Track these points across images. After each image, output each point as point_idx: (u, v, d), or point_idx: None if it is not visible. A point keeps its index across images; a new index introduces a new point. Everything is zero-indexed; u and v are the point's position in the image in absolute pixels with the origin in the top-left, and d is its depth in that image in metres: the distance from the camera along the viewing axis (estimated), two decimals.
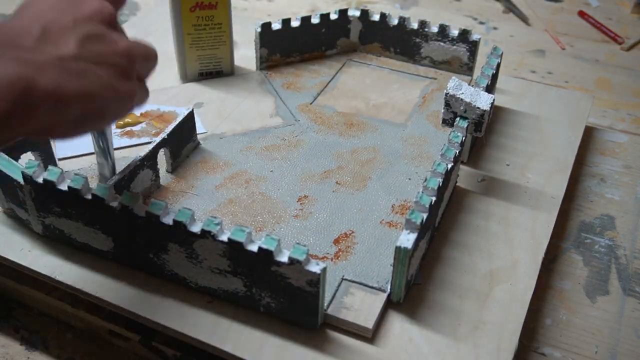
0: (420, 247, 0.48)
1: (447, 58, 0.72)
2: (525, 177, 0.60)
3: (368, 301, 0.47)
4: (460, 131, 0.54)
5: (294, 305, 0.44)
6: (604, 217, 0.61)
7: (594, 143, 0.70)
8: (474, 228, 0.55)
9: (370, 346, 0.45)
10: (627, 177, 0.66)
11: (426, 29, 0.71)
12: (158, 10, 0.86)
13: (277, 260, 0.42)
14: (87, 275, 0.49)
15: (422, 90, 0.71)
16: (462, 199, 0.57)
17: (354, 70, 0.74)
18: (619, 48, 0.89)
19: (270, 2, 1.00)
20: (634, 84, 0.82)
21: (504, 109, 0.69)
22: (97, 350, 0.51)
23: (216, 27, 0.70)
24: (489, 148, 0.64)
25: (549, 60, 0.87)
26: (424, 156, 0.61)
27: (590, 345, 0.50)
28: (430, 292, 0.49)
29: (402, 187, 0.58)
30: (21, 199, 0.50)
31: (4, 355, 0.50)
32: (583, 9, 0.98)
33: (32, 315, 0.53)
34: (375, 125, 0.65)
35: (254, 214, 0.54)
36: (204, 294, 0.48)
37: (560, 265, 0.56)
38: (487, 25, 0.95)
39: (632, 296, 0.54)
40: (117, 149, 0.61)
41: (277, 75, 0.73)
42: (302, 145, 0.62)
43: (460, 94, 0.55)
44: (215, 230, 0.43)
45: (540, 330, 0.51)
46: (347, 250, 0.51)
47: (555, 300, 0.53)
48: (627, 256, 0.57)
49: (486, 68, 0.61)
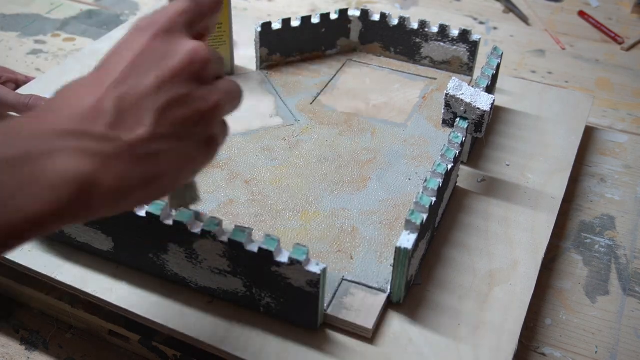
0: (420, 247, 0.48)
1: (447, 58, 0.72)
2: (525, 178, 0.60)
3: (368, 301, 0.47)
4: (460, 132, 0.54)
5: (294, 305, 0.44)
6: (604, 217, 0.61)
7: (594, 143, 0.70)
8: (474, 228, 0.55)
9: (370, 346, 0.45)
10: (627, 177, 0.66)
11: (426, 29, 0.71)
12: None
13: (277, 260, 0.42)
14: (87, 275, 0.49)
15: (422, 90, 0.71)
16: (462, 200, 0.57)
17: (354, 70, 0.74)
18: (619, 48, 0.89)
19: (270, 2, 0.99)
20: (634, 84, 0.82)
21: (504, 109, 0.69)
22: (97, 350, 0.51)
23: (216, 27, 0.69)
24: (489, 148, 0.64)
25: (549, 60, 0.87)
26: (424, 156, 0.61)
27: (590, 345, 0.50)
28: (430, 293, 0.49)
29: (402, 187, 0.58)
30: None
31: (4, 355, 0.50)
32: (583, 9, 0.98)
33: (32, 315, 0.53)
34: (375, 126, 0.65)
35: (254, 214, 0.54)
36: (204, 294, 0.48)
37: (560, 265, 0.56)
38: (487, 25, 0.95)
39: (632, 296, 0.54)
40: None
41: (277, 75, 0.73)
42: (302, 145, 0.62)
43: (461, 94, 0.55)
44: (215, 231, 0.43)
45: (540, 330, 0.51)
46: (347, 251, 0.51)
47: (555, 300, 0.53)
48: (627, 256, 0.57)
49: (486, 69, 0.61)
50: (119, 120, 0.31)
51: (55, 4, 0.96)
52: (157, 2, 0.92)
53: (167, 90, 0.32)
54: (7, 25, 0.90)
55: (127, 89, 0.32)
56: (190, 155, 0.34)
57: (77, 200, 0.29)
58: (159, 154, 0.32)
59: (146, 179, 0.32)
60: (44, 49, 0.85)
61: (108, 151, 0.31)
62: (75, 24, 0.91)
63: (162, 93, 0.32)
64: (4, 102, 0.64)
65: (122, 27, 0.83)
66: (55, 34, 0.89)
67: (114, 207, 0.32)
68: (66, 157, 0.29)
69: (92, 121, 0.31)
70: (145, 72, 0.32)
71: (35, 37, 0.88)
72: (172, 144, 0.33)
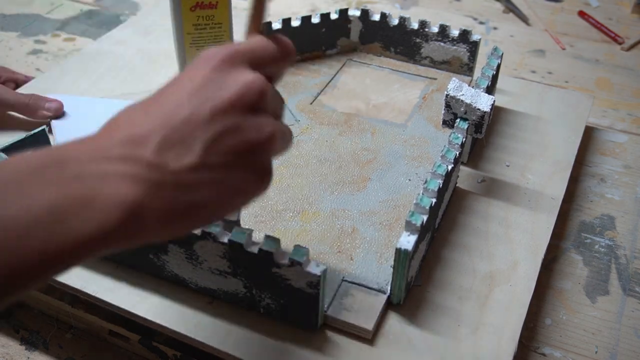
0: (420, 248, 0.48)
1: (448, 58, 0.72)
2: (525, 178, 0.60)
3: (368, 302, 0.47)
4: (460, 132, 0.54)
5: (294, 306, 0.44)
6: (604, 217, 0.61)
7: (594, 143, 0.70)
8: (474, 229, 0.55)
9: (370, 347, 0.45)
10: (627, 177, 0.66)
11: (426, 29, 0.71)
12: (158, 10, 0.86)
13: (277, 261, 0.42)
14: (87, 275, 0.49)
15: (422, 91, 0.71)
16: (462, 200, 0.57)
17: (354, 70, 0.74)
18: (619, 48, 0.89)
19: (270, 2, 0.99)
20: (634, 84, 0.82)
21: (504, 110, 0.69)
22: (97, 350, 0.51)
23: (216, 27, 0.69)
24: (489, 149, 0.64)
25: (549, 60, 0.87)
26: (424, 157, 0.61)
27: (590, 345, 0.50)
28: (430, 294, 0.49)
29: (402, 188, 0.58)
30: None
31: (4, 355, 0.50)
32: (583, 9, 0.98)
33: (32, 315, 0.53)
34: (375, 126, 0.65)
35: (253, 215, 0.54)
36: (204, 295, 0.48)
37: (560, 265, 0.56)
38: (487, 25, 0.95)
39: (632, 296, 0.54)
40: None
41: None
42: (302, 145, 0.62)
43: (461, 95, 0.55)
44: (215, 232, 0.43)
45: (540, 330, 0.51)
46: (347, 252, 0.51)
47: (555, 300, 0.53)
48: (627, 256, 0.57)
49: (486, 69, 0.61)
50: (168, 147, 0.31)
51: (55, 4, 0.96)
52: (157, 2, 0.92)
53: (221, 120, 0.32)
54: (7, 25, 0.90)
55: (181, 118, 0.32)
56: (240, 186, 0.33)
57: (125, 225, 0.30)
58: (206, 183, 0.32)
59: (192, 207, 0.32)
60: (44, 49, 0.85)
61: (155, 178, 0.31)
62: (75, 24, 0.91)
63: (215, 123, 0.32)
64: (4, 101, 0.64)
65: (122, 27, 0.83)
66: (55, 34, 0.89)
67: (160, 233, 0.32)
68: (116, 182, 0.30)
69: (142, 147, 0.31)
70: (201, 102, 0.32)
71: (35, 37, 0.88)
72: (220, 174, 0.32)
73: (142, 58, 0.76)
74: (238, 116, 0.33)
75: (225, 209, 0.34)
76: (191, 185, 0.32)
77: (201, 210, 0.32)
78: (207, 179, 0.32)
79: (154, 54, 0.77)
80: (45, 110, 0.64)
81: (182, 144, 0.31)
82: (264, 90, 0.34)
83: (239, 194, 0.34)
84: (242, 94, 0.33)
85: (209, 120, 0.32)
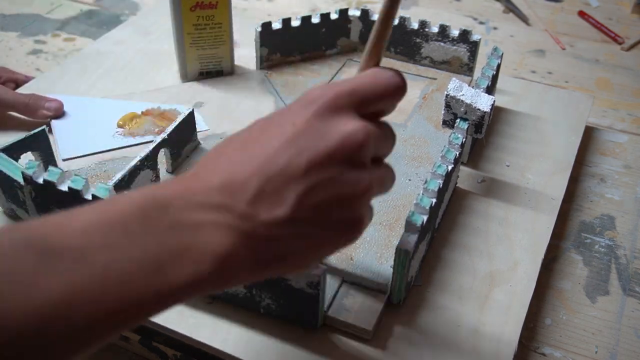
0: (420, 248, 0.48)
1: (448, 58, 0.72)
2: (525, 178, 0.60)
3: (368, 303, 0.47)
4: (460, 133, 0.54)
5: (295, 306, 0.44)
6: (604, 217, 0.61)
7: (594, 143, 0.70)
8: (474, 229, 0.55)
9: (370, 348, 0.45)
10: (627, 177, 0.66)
11: (426, 29, 0.71)
12: (158, 10, 0.86)
13: None
14: None
15: (422, 91, 0.71)
16: (462, 200, 0.57)
17: (354, 70, 0.74)
18: (619, 48, 0.89)
19: (270, 2, 0.99)
20: (634, 84, 0.82)
21: (504, 110, 0.69)
22: (97, 350, 0.51)
23: (216, 27, 0.69)
24: (489, 149, 0.64)
25: (549, 60, 0.87)
26: (424, 157, 0.61)
27: (590, 345, 0.50)
28: (430, 294, 0.49)
29: (402, 188, 0.58)
30: (21, 200, 0.50)
31: None
32: (583, 9, 0.98)
33: None
34: None
35: None
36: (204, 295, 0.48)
37: (560, 265, 0.56)
38: (487, 25, 0.95)
39: (632, 296, 0.54)
40: (117, 149, 0.62)
41: (277, 75, 0.73)
42: None
43: (461, 95, 0.55)
44: None
45: (540, 330, 0.51)
46: (347, 252, 0.51)
47: (555, 300, 0.53)
48: (627, 256, 0.57)
49: (486, 69, 0.61)
50: (261, 198, 0.31)
51: (55, 4, 0.96)
52: (157, 2, 0.92)
53: (316, 173, 0.31)
54: (7, 25, 0.90)
55: (277, 168, 0.31)
56: (329, 238, 0.33)
57: (217, 274, 0.30)
58: (295, 236, 0.32)
59: (280, 259, 0.32)
60: (44, 49, 0.85)
61: (246, 228, 0.31)
62: (75, 24, 0.91)
63: (309, 176, 0.31)
64: (4, 101, 0.64)
65: (122, 27, 0.83)
66: (55, 34, 0.89)
67: (247, 280, 0.33)
68: (210, 232, 0.30)
69: (237, 196, 0.31)
70: (299, 152, 0.31)
71: (35, 37, 0.88)
72: (309, 229, 0.32)
73: (142, 58, 0.76)
74: (334, 170, 0.32)
75: (312, 260, 0.34)
76: (280, 238, 0.31)
77: (289, 260, 0.33)
78: (296, 232, 0.32)
79: (154, 54, 0.77)
80: (45, 110, 0.64)
81: (275, 195, 0.31)
82: (364, 142, 0.32)
83: (326, 246, 0.34)
84: (341, 146, 0.32)
85: (304, 172, 0.31)
